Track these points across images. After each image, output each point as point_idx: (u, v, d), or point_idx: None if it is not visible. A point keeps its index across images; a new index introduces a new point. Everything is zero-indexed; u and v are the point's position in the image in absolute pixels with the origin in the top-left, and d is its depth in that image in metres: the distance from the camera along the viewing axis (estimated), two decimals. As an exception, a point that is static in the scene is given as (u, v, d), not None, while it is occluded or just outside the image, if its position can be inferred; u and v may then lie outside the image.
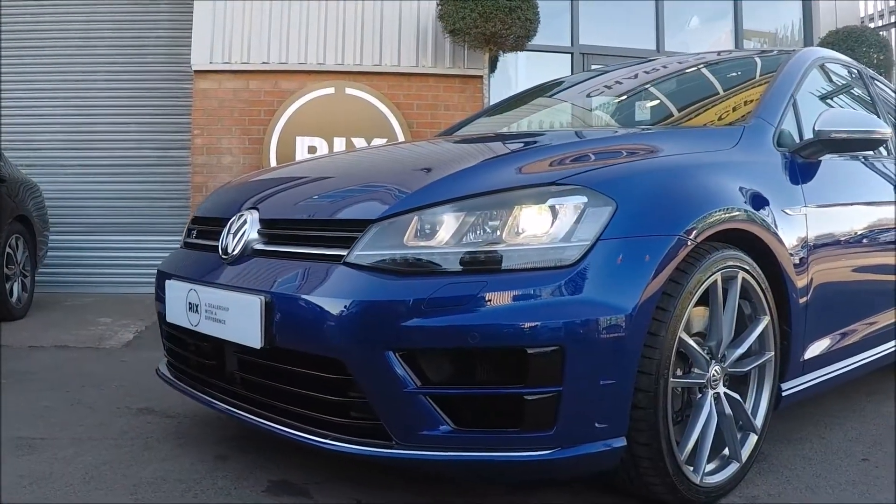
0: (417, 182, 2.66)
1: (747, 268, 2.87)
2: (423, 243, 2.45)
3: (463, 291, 2.33)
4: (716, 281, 2.73)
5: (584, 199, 2.47)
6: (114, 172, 9.21)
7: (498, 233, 2.43)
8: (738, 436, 2.92)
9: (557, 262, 2.37)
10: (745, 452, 2.92)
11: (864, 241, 3.77)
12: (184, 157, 9.10)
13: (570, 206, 2.45)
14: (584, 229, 2.42)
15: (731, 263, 2.78)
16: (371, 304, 2.37)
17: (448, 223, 2.46)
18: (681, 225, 2.58)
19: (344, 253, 2.51)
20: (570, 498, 2.84)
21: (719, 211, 2.76)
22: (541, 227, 2.43)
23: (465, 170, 2.71)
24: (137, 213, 9.20)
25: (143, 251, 8.81)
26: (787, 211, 3.16)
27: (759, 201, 3.01)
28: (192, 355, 3.17)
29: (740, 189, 2.96)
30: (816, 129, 3.38)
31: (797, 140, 3.51)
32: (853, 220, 3.70)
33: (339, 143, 8.68)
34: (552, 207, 2.45)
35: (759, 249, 2.99)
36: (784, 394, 3.17)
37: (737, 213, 2.85)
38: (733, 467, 2.87)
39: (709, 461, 2.80)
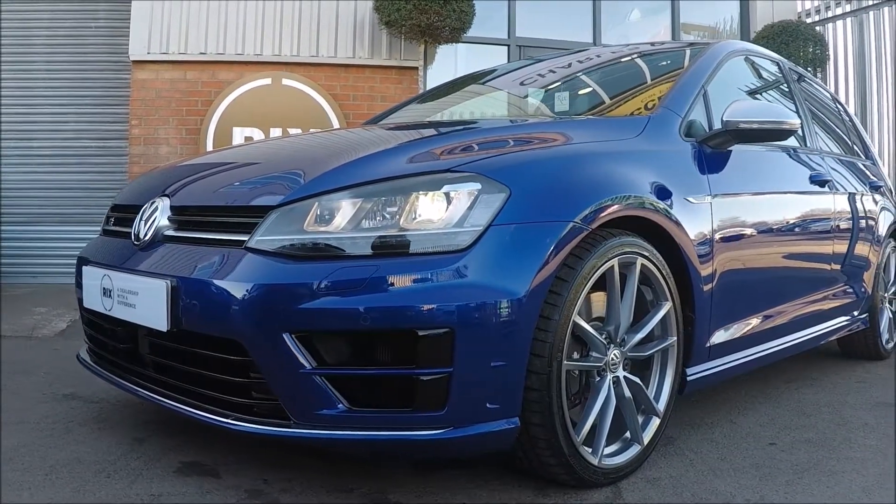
0: (319, 169, 2.69)
1: (646, 254, 2.92)
2: (322, 229, 2.49)
3: (355, 275, 2.37)
4: (612, 267, 2.78)
5: (478, 185, 2.52)
6: (52, 163, 9.13)
7: (395, 219, 2.47)
8: (640, 419, 2.97)
9: (450, 246, 2.42)
10: (647, 435, 2.98)
11: (774, 230, 3.81)
12: (122, 148, 9.03)
13: (465, 192, 2.50)
14: (477, 215, 2.47)
15: (628, 250, 2.83)
16: (267, 287, 2.41)
17: (345, 209, 2.50)
18: (575, 211, 2.63)
19: (246, 238, 2.56)
20: (468, 479, 2.90)
21: (615, 198, 2.80)
22: (436, 212, 2.47)
23: (365, 157, 2.75)
24: (75, 204, 9.11)
25: (80, 241, 8.46)
26: (690, 199, 3.20)
27: (659, 189, 3.06)
28: (109, 340, 3.19)
29: (640, 177, 3.01)
30: (724, 119, 3.44)
31: (708, 131, 3.55)
32: (762, 210, 3.75)
33: (276, 134, 8.63)
34: (447, 194, 2.50)
35: (661, 236, 3.04)
36: (689, 378, 3.24)
37: (633, 200, 2.89)
38: (634, 450, 2.93)
39: (609, 443, 2.86)
